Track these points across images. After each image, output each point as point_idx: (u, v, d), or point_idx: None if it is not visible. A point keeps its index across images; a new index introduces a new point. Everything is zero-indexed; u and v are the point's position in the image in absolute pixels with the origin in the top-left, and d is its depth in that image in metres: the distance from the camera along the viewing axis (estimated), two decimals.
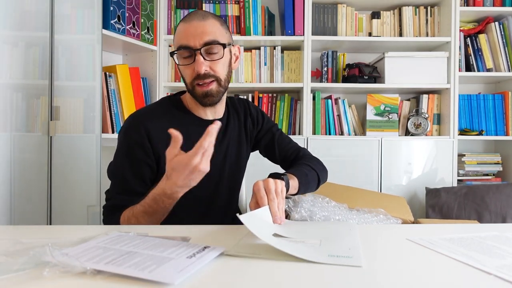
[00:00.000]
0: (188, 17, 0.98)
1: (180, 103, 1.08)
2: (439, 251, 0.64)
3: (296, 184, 0.99)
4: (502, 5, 2.27)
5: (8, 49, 1.38)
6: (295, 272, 0.54)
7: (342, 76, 2.31)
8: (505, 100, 2.29)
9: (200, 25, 0.95)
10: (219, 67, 0.99)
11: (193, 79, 0.97)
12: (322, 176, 1.14)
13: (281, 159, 1.21)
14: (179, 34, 0.98)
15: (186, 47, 0.95)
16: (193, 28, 0.95)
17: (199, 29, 0.95)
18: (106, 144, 1.73)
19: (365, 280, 0.51)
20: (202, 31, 0.95)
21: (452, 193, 2.02)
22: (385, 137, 2.20)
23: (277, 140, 1.21)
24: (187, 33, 0.95)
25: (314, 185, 1.10)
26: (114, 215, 0.97)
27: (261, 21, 2.23)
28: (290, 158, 1.21)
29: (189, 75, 0.98)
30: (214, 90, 0.99)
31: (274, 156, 1.22)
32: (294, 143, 1.24)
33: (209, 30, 0.96)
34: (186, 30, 0.96)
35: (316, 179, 1.11)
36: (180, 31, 0.98)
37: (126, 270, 0.50)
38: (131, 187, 0.98)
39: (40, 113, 1.46)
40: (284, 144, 1.22)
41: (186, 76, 1.00)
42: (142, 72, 2.18)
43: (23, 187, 1.41)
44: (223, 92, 1.03)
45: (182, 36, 0.96)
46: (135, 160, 0.98)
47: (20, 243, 0.62)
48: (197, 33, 0.94)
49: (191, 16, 0.97)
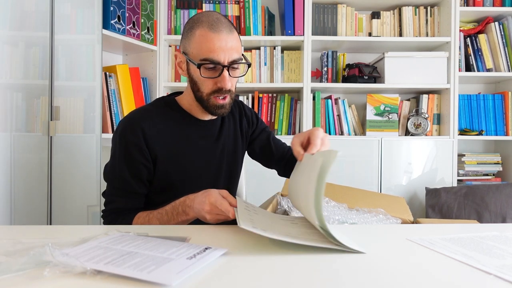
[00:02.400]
0: (215, 26, 0.92)
1: (175, 103, 1.07)
2: (439, 251, 0.64)
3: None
4: (502, 5, 2.27)
5: (8, 49, 1.38)
6: (295, 272, 0.54)
7: (342, 76, 2.31)
8: (505, 100, 2.29)
9: (228, 39, 0.93)
10: (235, 83, 1.00)
11: (212, 92, 0.96)
12: None
13: (279, 156, 1.22)
14: (205, 43, 0.92)
15: (215, 62, 0.92)
16: (223, 42, 0.92)
17: (228, 44, 0.92)
18: (106, 144, 1.72)
19: (365, 280, 0.51)
20: (231, 47, 0.93)
21: (452, 193, 2.02)
22: (385, 137, 2.20)
23: (273, 139, 1.24)
24: (216, 46, 0.91)
25: None
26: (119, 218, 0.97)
27: (261, 21, 2.23)
28: (288, 154, 1.22)
29: (209, 87, 0.96)
30: (228, 103, 0.99)
31: (270, 153, 1.22)
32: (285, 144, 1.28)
33: (236, 45, 0.95)
34: (215, 42, 0.91)
35: None
36: (206, 41, 0.92)
37: (125, 270, 0.50)
38: (133, 188, 0.99)
39: (40, 113, 1.46)
40: (280, 143, 1.25)
41: (204, 86, 0.97)
42: (142, 72, 2.18)
43: (23, 187, 1.41)
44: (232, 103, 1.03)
45: (210, 48, 0.91)
46: (133, 162, 0.97)
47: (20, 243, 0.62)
48: (226, 48, 0.92)
49: (218, 26, 0.92)
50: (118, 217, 0.97)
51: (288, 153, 1.22)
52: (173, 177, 1.02)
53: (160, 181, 1.01)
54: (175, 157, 1.01)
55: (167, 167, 1.00)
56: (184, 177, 1.03)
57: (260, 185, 2.04)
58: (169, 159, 1.00)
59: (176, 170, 1.01)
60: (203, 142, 1.06)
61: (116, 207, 0.99)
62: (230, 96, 0.99)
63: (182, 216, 0.89)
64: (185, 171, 1.03)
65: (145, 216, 0.95)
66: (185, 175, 1.03)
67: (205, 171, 1.06)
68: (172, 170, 1.01)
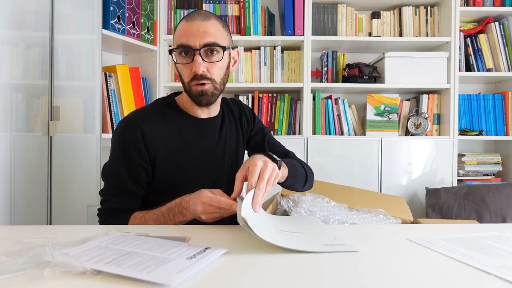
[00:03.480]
0: (191, 16, 0.97)
1: (174, 103, 1.07)
2: (439, 251, 0.64)
3: (286, 174, 0.97)
4: (502, 5, 2.27)
5: (8, 49, 1.38)
6: (295, 271, 0.54)
7: (342, 76, 2.31)
8: (505, 100, 2.29)
9: (202, 25, 0.94)
10: (216, 70, 0.98)
11: (191, 80, 0.97)
12: (309, 178, 1.12)
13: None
14: (180, 32, 0.97)
15: (185, 46, 0.95)
16: (195, 27, 0.94)
17: (200, 29, 0.94)
18: (106, 144, 1.72)
19: (365, 280, 0.51)
20: (203, 32, 0.94)
21: (452, 193, 2.02)
22: (385, 137, 2.20)
23: (268, 140, 1.21)
24: (188, 32, 0.94)
25: (301, 183, 1.08)
26: (114, 217, 0.97)
27: (261, 21, 2.23)
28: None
29: (187, 75, 0.98)
30: (209, 91, 0.98)
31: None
32: (283, 146, 1.25)
33: (210, 31, 0.95)
34: (188, 28, 0.95)
35: (304, 177, 1.09)
36: (181, 29, 0.96)
37: (125, 270, 0.50)
38: (129, 189, 0.98)
39: (40, 113, 1.46)
40: (275, 146, 1.22)
41: (183, 75, 0.99)
42: (142, 72, 2.18)
43: (23, 187, 1.41)
44: (218, 94, 1.02)
45: (182, 34, 0.95)
46: (131, 162, 0.97)
47: (20, 243, 0.62)
48: (198, 33, 0.94)
49: (194, 15, 0.96)
50: (113, 217, 0.97)
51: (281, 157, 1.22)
52: (172, 178, 1.01)
53: (160, 182, 1.01)
54: (174, 157, 1.01)
55: (166, 168, 1.00)
56: (184, 177, 1.02)
57: None
58: (169, 159, 1.00)
59: (175, 170, 1.01)
60: (203, 142, 1.06)
61: (111, 207, 0.99)
62: (213, 84, 0.98)
63: (179, 217, 0.89)
64: (185, 171, 1.02)
65: (141, 217, 0.94)
66: (185, 175, 1.02)
67: (206, 171, 1.06)
68: (171, 171, 1.01)
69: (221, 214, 0.82)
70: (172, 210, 0.90)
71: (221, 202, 0.80)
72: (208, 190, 0.85)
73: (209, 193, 0.84)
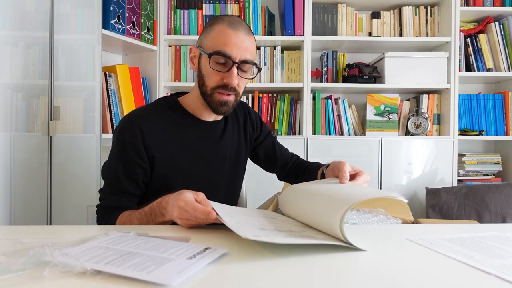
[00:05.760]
0: (234, 25, 0.95)
1: (177, 104, 1.06)
2: (439, 251, 0.64)
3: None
4: (502, 5, 2.27)
5: (8, 49, 1.38)
6: (296, 271, 0.54)
7: (342, 76, 2.31)
8: (505, 100, 2.29)
9: (246, 39, 0.95)
10: (243, 84, 1.01)
11: (217, 86, 0.97)
12: None
13: (282, 162, 1.24)
14: (221, 37, 0.94)
15: (227, 55, 0.93)
16: (239, 40, 0.94)
17: (244, 43, 0.95)
18: (106, 144, 1.72)
19: (365, 281, 0.51)
20: (245, 47, 0.95)
21: (452, 193, 2.02)
22: (385, 137, 2.20)
23: (277, 144, 1.26)
24: (232, 42, 0.93)
25: None
26: (107, 215, 0.97)
27: (261, 21, 2.23)
28: (292, 161, 1.25)
29: (215, 81, 0.96)
30: (231, 102, 0.99)
31: (274, 158, 1.24)
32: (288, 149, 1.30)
33: (251, 48, 0.97)
34: (232, 38, 0.93)
35: None
36: (223, 35, 0.94)
37: (125, 270, 0.50)
38: (125, 188, 0.98)
39: (40, 113, 1.46)
40: (284, 149, 1.27)
41: (209, 79, 0.97)
42: (142, 72, 2.18)
43: (23, 187, 1.41)
44: (235, 106, 1.03)
45: (226, 42, 0.93)
46: (129, 161, 0.97)
47: (20, 243, 0.62)
48: (241, 47, 0.94)
49: (237, 25, 0.95)
50: (106, 215, 0.97)
51: (292, 160, 1.25)
52: (171, 178, 1.01)
53: (158, 182, 1.01)
54: (173, 158, 1.00)
55: (165, 168, 1.00)
56: (182, 178, 1.02)
57: (260, 185, 2.04)
58: (167, 159, 1.00)
59: (174, 171, 1.01)
60: (203, 143, 1.05)
61: (107, 205, 0.99)
62: (236, 97, 1.00)
63: (159, 218, 0.86)
64: (183, 172, 1.02)
65: (128, 216, 0.93)
66: (183, 176, 1.02)
67: (205, 173, 1.05)
68: (170, 171, 1.01)
69: (198, 222, 0.75)
70: (153, 210, 0.87)
71: (196, 209, 0.74)
72: (191, 192, 0.79)
73: (189, 196, 0.77)
